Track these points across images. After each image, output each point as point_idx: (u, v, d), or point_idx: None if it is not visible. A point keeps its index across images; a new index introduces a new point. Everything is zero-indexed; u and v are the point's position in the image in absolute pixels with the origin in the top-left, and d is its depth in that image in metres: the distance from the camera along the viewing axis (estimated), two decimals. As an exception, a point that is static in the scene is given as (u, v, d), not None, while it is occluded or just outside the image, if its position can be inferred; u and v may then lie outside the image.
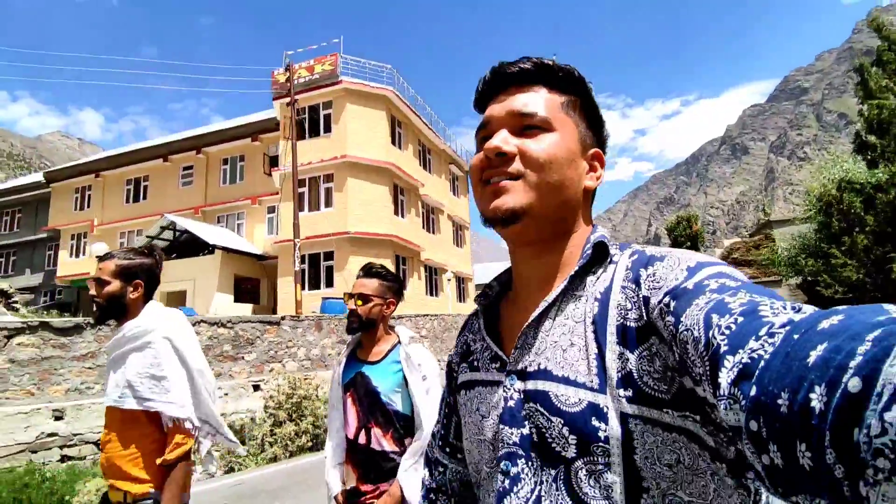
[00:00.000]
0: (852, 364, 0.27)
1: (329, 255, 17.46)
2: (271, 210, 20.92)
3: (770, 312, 0.37)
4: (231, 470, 6.56)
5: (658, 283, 0.51)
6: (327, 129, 18.27)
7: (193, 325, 7.55)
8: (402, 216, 19.15)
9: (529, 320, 0.61)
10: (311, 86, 18.15)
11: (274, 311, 20.11)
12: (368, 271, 1.89)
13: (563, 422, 0.53)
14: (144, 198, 23.75)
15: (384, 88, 18.49)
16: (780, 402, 0.31)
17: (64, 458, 5.99)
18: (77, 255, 24.72)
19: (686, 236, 46.75)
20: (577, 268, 0.60)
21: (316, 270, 17.73)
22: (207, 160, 22.49)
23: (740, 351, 0.36)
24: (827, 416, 0.27)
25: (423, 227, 21.06)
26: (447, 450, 0.80)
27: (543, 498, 0.54)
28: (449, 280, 21.79)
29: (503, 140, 0.61)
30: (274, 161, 21.08)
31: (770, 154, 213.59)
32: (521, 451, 0.57)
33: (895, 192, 9.10)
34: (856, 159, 11.03)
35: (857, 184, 9.74)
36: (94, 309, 1.72)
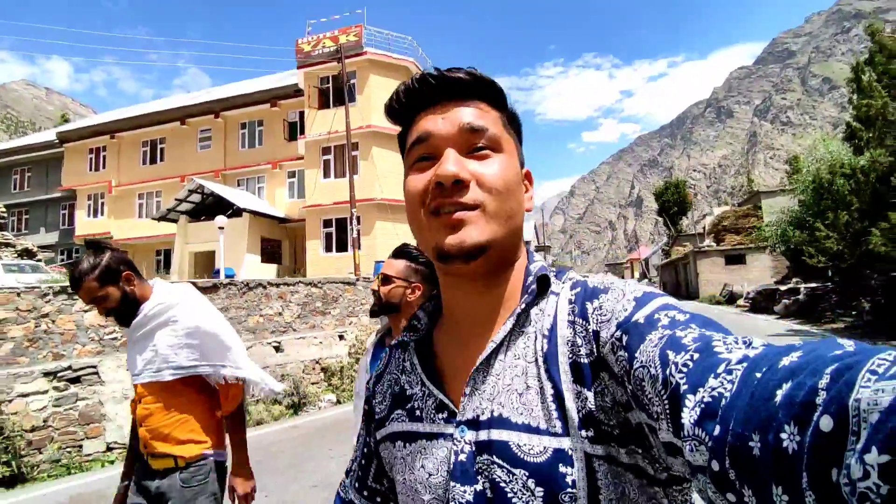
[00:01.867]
0: (818, 401, 0.27)
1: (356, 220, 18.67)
2: (292, 175, 21.84)
3: (724, 348, 0.37)
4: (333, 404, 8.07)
5: (605, 315, 0.50)
6: (351, 99, 19.03)
7: (293, 284, 8.92)
8: (422, 183, 20.29)
9: (478, 363, 0.56)
10: (335, 56, 18.77)
11: (295, 272, 21.43)
12: (398, 252, 1.72)
13: (527, 473, 0.50)
14: (162, 160, 24.28)
15: (405, 59, 19.23)
16: (751, 444, 0.30)
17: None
18: (95, 216, 25.36)
19: (674, 202, 48.84)
20: (523, 305, 0.56)
21: (342, 234, 18.95)
22: (225, 124, 23.04)
23: (700, 390, 0.35)
24: (802, 457, 0.27)
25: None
26: (365, 493, 0.72)
27: None
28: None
29: (459, 166, 0.54)
30: (293, 127, 21.85)
31: (754, 118, 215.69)
32: None
33: (874, 176, 10.70)
34: (843, 144, 12.64)
35: (846, 168, 11.31)
36: (115, 318, 1.76)
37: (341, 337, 9.28)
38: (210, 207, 20.72)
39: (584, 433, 0.49)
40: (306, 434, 6.35)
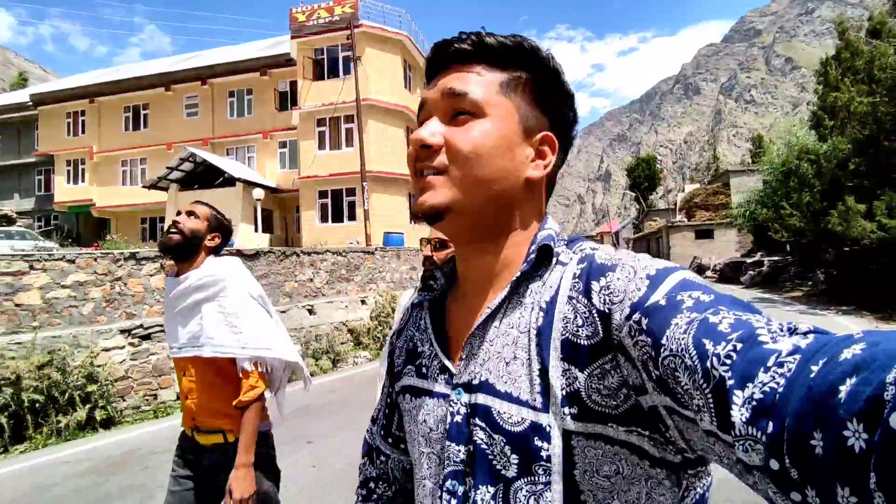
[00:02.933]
0: (887, 396, 0.26)
1: (351, 192, 19.13)
2: (283, 145, 21.97)
3: (769, 337, 0.35)
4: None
5: (616, 296, 0.47)
6: (346, 71, 19.22)
7: (321, 253, 9.62)
8: (414, 157, 20.85)
9: (473, 329, 0.58)
10: (330, 27, 18.83)
11: (287, 242, 21.83)
12: None
13: (504, 440, 0.52)
14: (146, 126, 23.84)
15: (400, 34, 19.45)
16: (812, 442, 0.29)
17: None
18: (76, 182, 24.82)
19: (645, 177, 50.74)
20: (517, 273, 0.56)
21: (338, 205, 19.43)
22: (213, 91, 22.77)
23: (749, 385, 0.34)
24: (870, 457, 0.25)
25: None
26: (389, 440, 0.77)
27: None
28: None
29: (430, 132, 0.57)
30: (284, 97, 21.85)
31: (720, 95, 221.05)
32: (467, 469, 0.55)
33: (835, 162, 12.05)
34: (809, 132, 14.03)
35: (812, 154, 12.65)
36: (170, 232, 1.70)
37: (363, 302, 10.09)
38: (201, 176, 20.73)
39: (566, 410, 0.49)
40: (347, 386, 7.22)
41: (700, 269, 23.41)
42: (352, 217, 19.15)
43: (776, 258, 16.57)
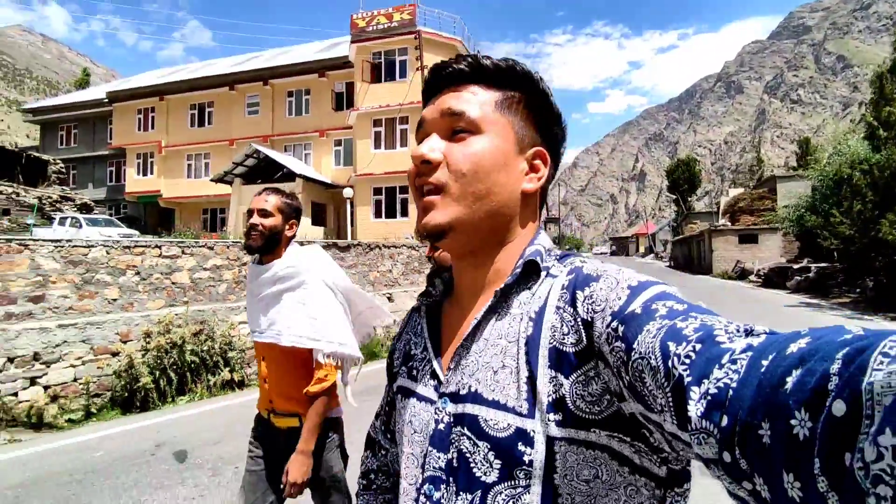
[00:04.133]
0: (830, 386, 0.27)
1: (404, 189, 20.15)
2: (338, 143, 23.18)
3: (726, 338, 0.37)
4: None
5: (599, 305, 0.49)
6: (402, 75, 20.22)
7: (399, 246, 10.60)
8: (462, 156, 21.74)
9: (461, 340, 0.60)
10: (389, 33, 19.84)
11: (339, 235, 23.06)
12: None
13: (489, 446, 0.53)
14: (210, 123, 25.46)
15: (454, 39, 20.30)
16: (760, 432, 0.30)
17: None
18: (145, 174, 26.71)
19: (684, 179, 50.14)
20: (502, 286, 0.58)
21: (392, 201, 20.50)
22: (273, 91, 24.15)
23: (705, 381, 0.35)
24: (814, 443, 0.27)
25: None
26: (388, 435, 0.79)
27: None
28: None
29: (429, 147, 0.59)
30: (340, 97, 23.05)
31: (764, 94, 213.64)
32: (443, 476, 0.57)
33: (888, 172, 12.31)
34: (860, 141, 14.26)
35: (865, 164, 12.94)
36: (252, 237, 1.75)
37: (431, 293, 11.08)
38: (263, 170, 22.12)
39: (551, 416, 0.50)
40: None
41: (743, 274, 23.51)
42: (404, 213, 20.17)
43: (823, 265, 16.71)
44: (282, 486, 1.69)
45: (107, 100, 27.33)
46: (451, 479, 0.56)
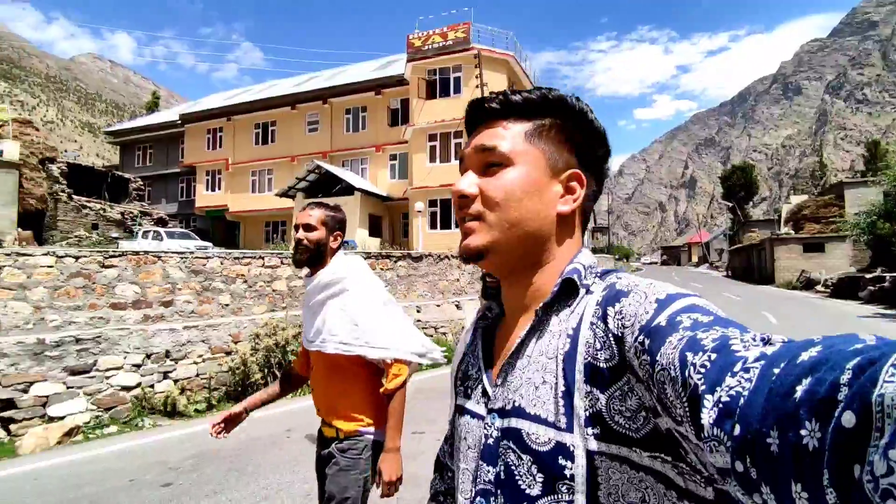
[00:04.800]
0: (840, 396, 0.27)
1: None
2: (393, 157, 24.08)
3: (741, 346, 0.37)
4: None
5: (628, 320, 0.50)
6: (457, 90, 20.89)
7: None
8: (514, 168, 22.17)
9: (507, 357, 0.63)
10: (444, 51, 20.59)
11: (393, 246, 23.86)
12: None
13: (532, 460, 0.55)
14: (273, 141, 27.02)
15: (506, 54, 20.82)
16: (769, 440, 0.30)
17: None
18: (213, 189, 28.58)
19: (740, 186, 48.39)
20: (541, 305, 0.61)
21: (447, 213, 21.11)
22: (332, 110, 25.42)
23: (718, 389, 0.35)
24: (823, 454, 0.26)
25: (526, 177, 24.09)
26: (454, 457, 0.79)
27: None
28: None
29: (467, 183, 0.64)
30: (395, 113, 24.00)
31: (825, 95, 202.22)
32: (493, 489, 0.59)
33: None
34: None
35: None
36: (298, 251, 1.81)
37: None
38: (322, 185, 23.29)
39: (589, 431, 0.51)
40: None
41: (809, 284, 22.54)
42: (458, 225, 20.65)
43: (900, 274, 15.93)
44: (376, 486, 1.72)
45: (179, 121, 29.50)
46: (498, 491, 0.58)
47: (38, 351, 5.38)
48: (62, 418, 5.36)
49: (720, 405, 0.34)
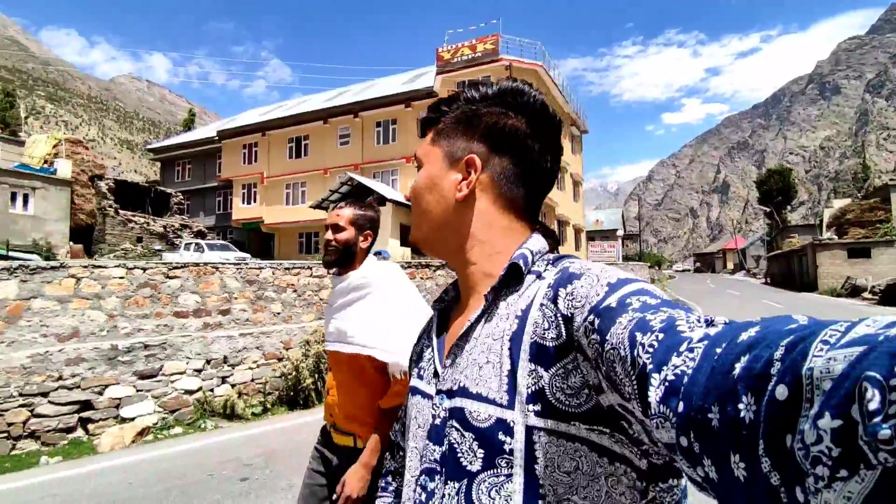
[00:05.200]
0: (773, 371, 0.28)
1: None
2: (423, 168, 24.45)
3: (687, 327, 0.39)
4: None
5: (579, 301, 0.51)
6: (486, 101, 21.13)
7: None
8: (544, 176, 22.24)
9: (456, 339, 0.65)
10: (472, 63, 20.93)
11: (422, 255, 24.13)
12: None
13: (473, 437, 0.57)
14: (306, 154, 27.79)
15: (535, 64, 21.03)
16: (710, 416, 0.32)
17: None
18: (249, 202, 29.53)
19: (777, 190, 46.96)
20: (488, 290, 0.62)
21: (477, 222, 21.30)
22: (363, 123, 26.03)
23: (664, 368, 0.37)
24: (758, 425, 0.28)
25: (556, 186, 24.10)
26: (405, 437, 0.81)
27: None
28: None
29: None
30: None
31: (866, 94, 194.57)
32: (438, 468, 0.61)
33: None
34: None
35: None
36: (328, 252, 1.78)
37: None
38: (354, 196, 23.71)
39: (530, 407, 0.53)
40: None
41: (855, 290, 21.71)
42: None
43: (954, 279, 15.21)
44: (334, 498, 1.61)
45: (216, 138, 30.65)
46: (443, 469, 0.60)
47: (111, 356, 5.78)
48: (133, 419, 5.72)
49: (666, 383, 0.36)
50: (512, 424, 0.54)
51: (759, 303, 19.62)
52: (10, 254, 16.28)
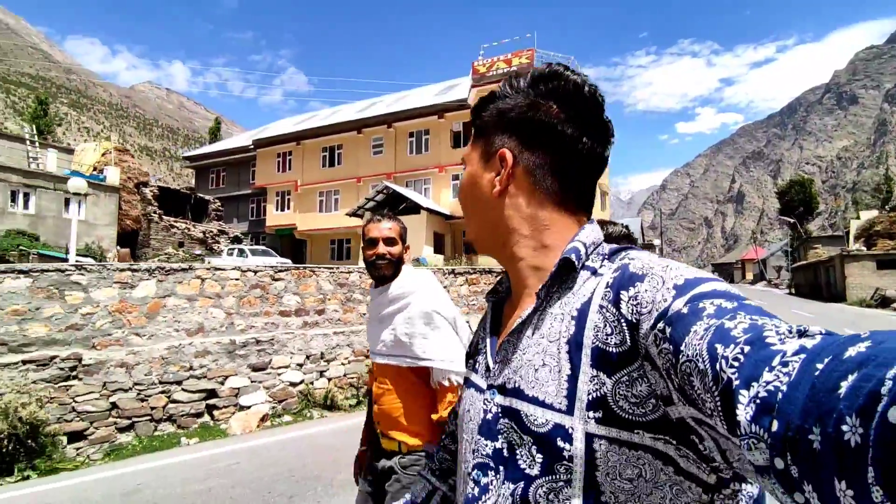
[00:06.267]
0: (883, 391, 0.26)
1: None
2: (455, 177, 25.07)
3: (777, 339, 0.36)
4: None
5: (644, 307, 0.48)
6: (519, 113, 21.75)
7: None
8: (575, 186, 22.75)
9: (506, 336, 0.64)
10: (507, 76, 21.58)
11: (454, 260, 24.75)
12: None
13: (532, 440, 0.55)
14: (339, 163, 28.60)
15: (568, 76, 21.61)
16: (811, 437, 0.29)
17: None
18: (283, 209, 30.40)
19: (799, 201, 46.85)
20: (540, 288, 0.60)
21: (509, 231, 21.84)
22: (396, 133, 26.79)
23: (754, 384, 0.34)
24: (867, 450, 0.26)
25: (585, 195, 24.61)
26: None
27: None
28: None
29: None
30: (457, 136, 25.10)
31: (884, 104, 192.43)
32: (491, 464, 0.60)
33: None
34: None
35: None
36: (381, 266, 1.78)
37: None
38: (388, 204, 24.48)
39: (591, 414, 0.51)
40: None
41: (885, 302, 21.85)
42: None
43: None
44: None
45: (251, 146, 31.65)
46: (500, 467, 0.59)
47: (230, 350, 6.42)
48: (249, 407, 6.34)
49: (757, 401, 0.33)
50: (571, 431, 0.52)
51: (787, 312, 19.85)
52: (67, 256, 17.17)
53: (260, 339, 6.67)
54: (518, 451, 0.57)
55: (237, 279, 6.76)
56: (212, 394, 6.19)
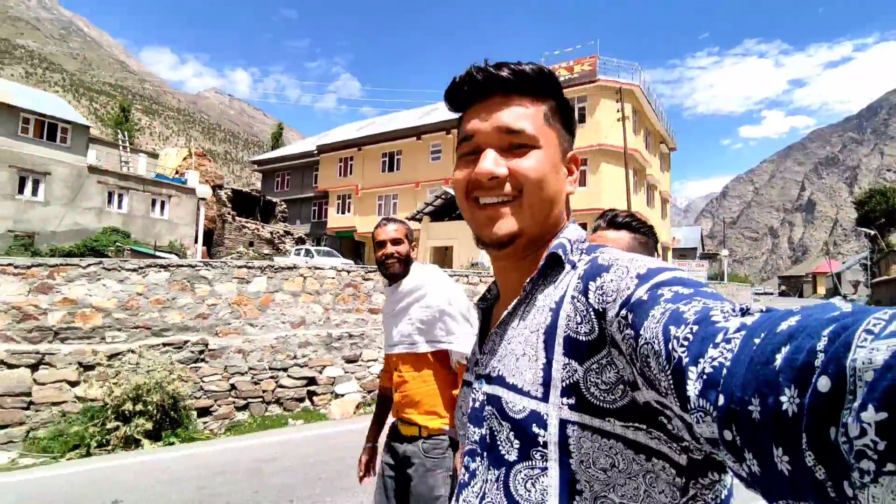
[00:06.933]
0: (816, 362, 0.27)
1: (583, 226, 21.16)
2: (512, 183, 25.33)
3: (721, 317, 0.38)
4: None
5: (609, 295, 0.51)
6: (581, 120, 21.77)
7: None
8: (636, 194, 22.43)
9: (494, 328, 0.66)
10: (570, 83, 21.66)
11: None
12: (618, 223, 1.46)
13: (510, 426, 0.57)
14: (398, 169, 29.50)
15: (632, 84, 21.38)
16: (750, 408, 0.30)
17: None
18: (343, 213, 31.67)
19: (881, 212, 43.61)
20: (528, 281, 0.62)
21: (568, 237, 21.84)
22: (454, 139, 27.28)
23: (701, 361, 0.36)
24: (801, 418, 0.27)
25: (646, 203, 24.17)
26: None
27: (486, 496, 0.60)
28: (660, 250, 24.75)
29: (495, 163, 0.61)
30: (515, 142, 25.33)
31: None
32: (478, 450, 0.62)
33: None
34: None
35: None
36: (391, 265, 1.91)
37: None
38: (446, 209, 25.09)
39: (564, 400, 0.53)
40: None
41: (981, 322, 20.15)
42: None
43: None
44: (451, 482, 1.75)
45: (315, 151, 33.19)
46: (484, 452, 0.62)
47: (327, 342, 7.03)
48: (343, 395, 6.93)
49: (704, 376, 0.35)
50: (546, 417, 0.54)
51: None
52: (156, 253, 18.80)
53: (352, 334, 7.26)
54: (498, 438, 0.59)
55: (333, 278, 7.39)
56: (311, 381, 6.82)
